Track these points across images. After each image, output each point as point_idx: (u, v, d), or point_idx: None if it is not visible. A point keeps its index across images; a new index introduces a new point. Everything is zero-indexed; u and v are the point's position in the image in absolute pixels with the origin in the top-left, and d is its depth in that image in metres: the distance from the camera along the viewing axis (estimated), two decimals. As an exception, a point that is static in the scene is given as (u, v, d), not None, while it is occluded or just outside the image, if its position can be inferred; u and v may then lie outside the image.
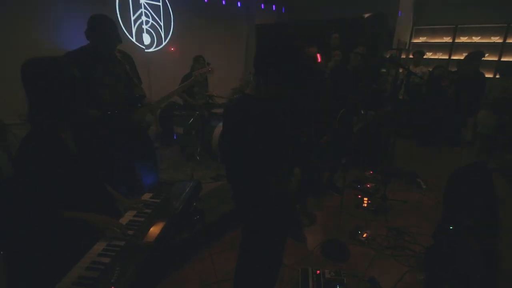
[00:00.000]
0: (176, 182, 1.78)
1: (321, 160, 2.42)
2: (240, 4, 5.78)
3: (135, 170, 2.43)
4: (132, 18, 3.98)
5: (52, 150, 1.15)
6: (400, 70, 4.94)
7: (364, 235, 2.53)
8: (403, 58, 6.07)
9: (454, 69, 5.50)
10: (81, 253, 1.15)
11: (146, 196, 1.62)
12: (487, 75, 5.94)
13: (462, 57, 6.11)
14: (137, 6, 4.02)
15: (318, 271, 2.02)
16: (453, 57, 6.27)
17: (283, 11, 6.56)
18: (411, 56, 5.74)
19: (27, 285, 1.23)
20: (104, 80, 1.99)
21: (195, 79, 2.43)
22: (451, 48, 6.28)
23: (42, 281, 1.14)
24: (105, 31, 1.91)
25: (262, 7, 6.15)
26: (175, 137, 4.02)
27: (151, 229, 1.32)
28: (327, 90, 2.41)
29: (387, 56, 5.10)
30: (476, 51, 4.57)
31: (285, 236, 1.58)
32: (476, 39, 6.05)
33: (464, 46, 6.18)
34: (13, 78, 3.00)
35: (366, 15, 5.10)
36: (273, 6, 6.37)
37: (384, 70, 5.28)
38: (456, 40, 6.22)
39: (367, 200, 3.09)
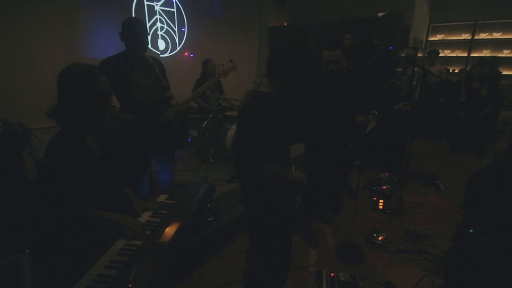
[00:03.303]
0: (190, 184, 1.81)
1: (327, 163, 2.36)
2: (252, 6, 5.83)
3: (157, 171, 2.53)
4: (148, 25, 4.09)
5: (75, 151, 1.22)
6: (416, 69, 4.82)
7: (380, 238, 2.48)
8: (419, 56, 5.92)
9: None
10: (101, 251, 1.20)
11: (162, 198, 1.66)
12: (508, 73, 5.73)
13: (482, 54, 5.91)
14: (152, 13, 4.13)
15: (332, 274, 2.00)
16: (473, 55, 6.07)
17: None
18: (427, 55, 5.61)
19: (51, 282, 1.30)
20: (137, 82, 2.14)
21: (219, 76, 2.48)
22: (471, 45, 6.09)
23: (65, 277, 1.19)
24: (138, 32, 2.07)
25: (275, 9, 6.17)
26: (189, 140, 4.08)
27: (167, 229, 1.35)
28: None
29: (403, 55, 4.99)
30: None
31: (291, 237, 1.57)
32: (497, 35, 5.84)
33: (484, 43, 5.98)
34: (38, 85, 3.15)
35: (381, 14, 5.01)
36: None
37: (399, 69, 5.18)
38: (476, 37, 6.02)
39: (383, 202, 3.03)
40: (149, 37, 2.20)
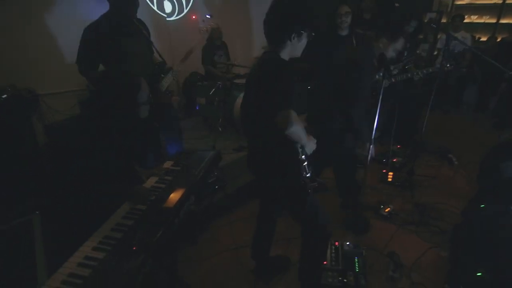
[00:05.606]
0: (196, 151, 1.79)
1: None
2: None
3: (160, 139, 2.50)
4: (153, -15, 3.88)
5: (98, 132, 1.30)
6: (439, 37, 4.51)
7: (387, 210, 2.46)
8: (442, 22, 5.49)
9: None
10: (108, 215, 1.22)
11: (167, 164, 1.65)
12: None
13: (512, 21, 5.44)
14: (158, -28, 3.90)
15: (336, 243, 2.01)
16: (502, 21, 5.58)
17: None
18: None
19: (60, 243, 1.34)
20: (132, 49, 1.95)
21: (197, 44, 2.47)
22: (501, 10, 5.57)
23: (73, 238, 1.22)
24: None
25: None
26: (197, 108, 4.03)
27: (171, 195, 1.35)
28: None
29: (425, 21, 4.63)
30: None
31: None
32: (532, -2, 5.31)
33: (516, 7, 5.46)
34: (43, 49, 3.09)
35: (404, -26, 4.59)
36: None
37: (421, 36, 4.84)
38: (508, 1, 5.48)
39: (392, 175, 2.97)
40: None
